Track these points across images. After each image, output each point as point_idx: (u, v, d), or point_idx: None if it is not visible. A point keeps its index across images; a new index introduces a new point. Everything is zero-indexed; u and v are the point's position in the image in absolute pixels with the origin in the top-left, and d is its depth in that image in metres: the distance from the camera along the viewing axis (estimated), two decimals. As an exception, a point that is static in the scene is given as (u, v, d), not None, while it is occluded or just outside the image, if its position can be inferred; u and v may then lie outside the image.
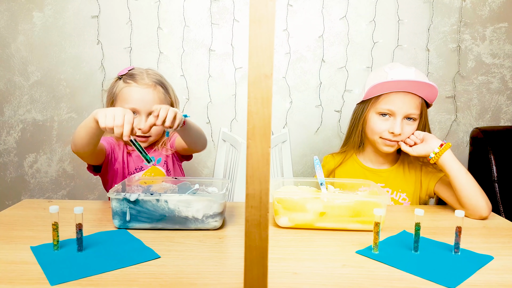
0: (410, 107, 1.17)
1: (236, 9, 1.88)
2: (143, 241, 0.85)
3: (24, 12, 1.89)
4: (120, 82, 1.23)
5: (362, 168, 1.29)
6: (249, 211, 0.49)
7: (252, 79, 0.46)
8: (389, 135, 1.18)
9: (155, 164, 1.28)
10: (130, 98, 1.20)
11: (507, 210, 1.68)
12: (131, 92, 1.20)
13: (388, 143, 1.20)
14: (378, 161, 1.29)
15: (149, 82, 1.22)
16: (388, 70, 1.18)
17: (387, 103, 1.18)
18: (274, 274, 0.71)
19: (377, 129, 1.20)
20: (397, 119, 1.17)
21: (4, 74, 1.94)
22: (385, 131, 1.19)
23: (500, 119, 1.97)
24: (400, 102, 1.17)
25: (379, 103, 1.20)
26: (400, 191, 1.24)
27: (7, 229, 0.92)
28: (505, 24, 1.89)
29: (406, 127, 1.18)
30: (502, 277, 0.71)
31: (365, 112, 1.23)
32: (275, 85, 1.93)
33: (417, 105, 1.18)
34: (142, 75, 1.23)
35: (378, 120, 1.20)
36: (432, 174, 1.22)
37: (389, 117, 1.19)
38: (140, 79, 1.22)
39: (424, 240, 0.88)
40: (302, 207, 0.93)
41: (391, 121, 1.18)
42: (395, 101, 1.17)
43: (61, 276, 0.68)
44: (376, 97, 1.20)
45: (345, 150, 1.32)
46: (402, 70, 1.17)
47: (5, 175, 2.02)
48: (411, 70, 1.17)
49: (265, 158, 0.48)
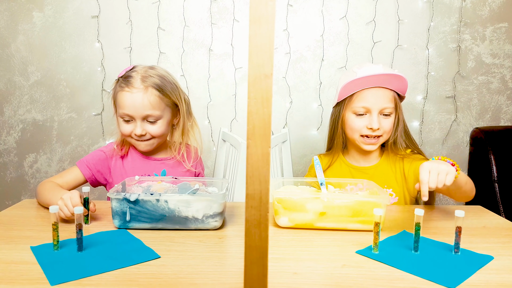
0: (383, 101, 1.20)
1: (236, 9, 1.88)
2: (143, 241, 0.85)
3: (24, 12, 1.89)
4: (117, 86, 1.21)
5: (348, 166, 1.31)
6: (249, 211, 0.49)
7: (252, 79, 0.46)
8: (368, 131, 1.21)
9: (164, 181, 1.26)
10: (122, 104, 1.17)
11: (507, 210, 1.68)
12: (123, 98, 1.17)
13: (368, 140, 1.22)
14: (363, 159, 1.31)
15: (140, 86, 1.17)
16: (356, 70, 1.22)
17: (360, 100, 1.21)
18: (274, 274, 0.71)
19: (356, 127, 1.23)
20: (373, 114, 1.20)
21: (4, 74, 1.94)
22: (363, 127, 1.22)
23: (500, 119, 1.97)
24: (372, 98, 1.20)
25: (353, 102, 1.23)
26: (386, 187, 1.25)
27: (7, 229, 0.92)
28: (505, 24, 1.89)
29: (383, 121, 1.21)
30: (502, 277, 0.71)
31: (342, 113, 1.26)
32: (275, 85, 1.93)
33: (390, 98, 1.21)
34: (136, 78, 1.18)
35: (355, 119, 1.23)
36: (415, 161, 1.23)
37: (365, 114, 1.22)
38: (133, 82, 1.17)
39: (424, 240, 0.88)
40: (302, 207, 0.93)
41: (367, 118, 1.21)
42: (368, 98, 1.20)
43: (61, 276, 0.68)
44: (350, 97, 1.24)
45: (331, 152, 1.34)
46: (369, 67, 1.20)
47: (5, 175, 2.02)
48: (378, 66, 1.20)
49: (265, 158, 0.48)
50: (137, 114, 1.17)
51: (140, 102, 1.16)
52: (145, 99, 1.16)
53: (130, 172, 1.25)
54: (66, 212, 0.94)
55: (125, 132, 1.20)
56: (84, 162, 1.23)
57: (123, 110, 1.17)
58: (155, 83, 1.19)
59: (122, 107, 1.18)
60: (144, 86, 1.17)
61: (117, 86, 1.21)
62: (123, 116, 1.19)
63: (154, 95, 1.18)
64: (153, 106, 1.17)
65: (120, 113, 1.19)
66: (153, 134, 1.20)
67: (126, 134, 1.21)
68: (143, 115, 1.17)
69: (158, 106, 1.18)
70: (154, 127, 1.20)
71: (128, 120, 1.19)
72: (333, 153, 1.32)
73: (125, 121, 1.19)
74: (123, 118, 1.19)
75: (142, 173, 1.26)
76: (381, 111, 1.20)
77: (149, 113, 1.17)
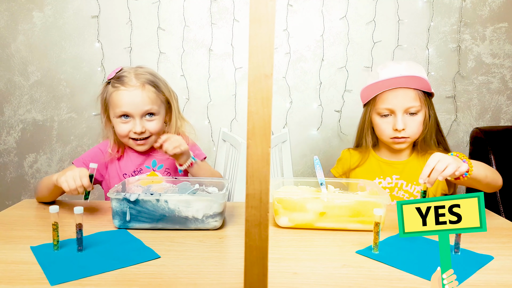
0: (406, 101, 1.19)
1: (236, 9, 1.88)
2: (143, 241, 0.85)
3: (24, 12, 1.89)
4: (109, 87, 1.21)
5: (378, 160, 1.31)
6: (249, 211, 0.49)
7: (252, 79, 0.46)
8: (395, 132, 1.20)
9: (155, 170, 1.27)
10: (119, 102, 1.18)
11: (507, 210, 1.68)
12: (120, 97, 1.18)
13: (397, 140, 1.22)
14: (393, 155, 1.30)
15: (137, 83, 1.18)
16: (379, 71, 1.21)
17: (383, 102, 1.21)
18: (274, 274, 0.71)
19: (383, 130, 1.23)
20: (398, 115, 1.19)
21: (4, 74, 1.94)
22: (390, 129, 1.21)
23: (500, 119, 1.97)
24: (394, 99, 1.19)
25: (376, 104, 1.23)
26: (415, 184, 1.24)
27: (7, 229, 0.92)
28: (505, 24, 1.89)
29: (410, 121, 1.20)
30: (502, 277, 0.71)
31: (369, 115, 1.27)
32: (275, 85, 1.93)
33: (413, 97, 1.20)
34: (129, 77, 1.19)
35: (381, 122, 1.23)
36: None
37: (390, 115, 1.22)
38: (128, 81, 1.18)
39: (425, 240, 0.88)
40: (302, 207, 0.93)
41: (392, 119, 1.21)
42: (390, 99, 1.20)
43: (61, 276, 0.68)
44: (373, 99, 1.24)
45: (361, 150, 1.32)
46: (392, 68, 1.20)
47: (5, 175, 2.02)
48: (401, 66, 1.20)
49: (265, 158, 0.48)
50: (136, 111, 1.18)
51: (139, 99, 1.18)
52: (144, 94, 1.18)
53: (125, 169, 1.26)
54: (72, 183, 0.96)
55: (122, 133, 1.20)
56: (81, 160, 1.23)
57: (121, 108, 1.18)
58: (149, 79, 1.21)
59: (119, 106, 1.18)
60: (140, 83, 1.19)
61: (109, 88, 1.21)
62: (121, 115, 1.19)
63: (151, 91, 1.20)
64: (152, 102, 1.20)
65: (117, 113, 1.19)
66: (152, 131, 1.21)
67: (124, 135, 1.21)
68: (142, 111, 1.18)
69: (155, 101, 1.21)
70: (152, 124, 1.21)
71: (125, 119, 1.19)
72: (363, 151, 1.32)
73: (122, 121, 1.19)
74: (120, 118, 1.19)
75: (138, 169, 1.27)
76: (406, 110, 1.19)
77: (148, 108, 1.19)
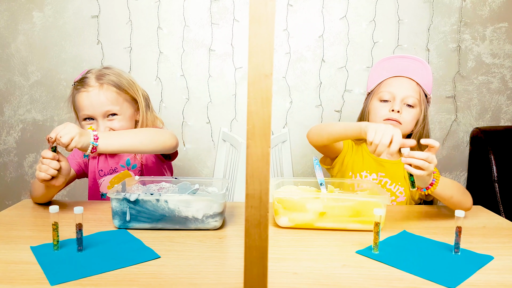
0: (408, 90, 1.24)
1: (236, 9, 1.88)
2: (143, 241, 0.85)
3: (24, 12, 1.89)
4: (74, 90, 1.22)
5: (368, 155, 1.32)
6: (249, 211, 0.49)
7: (252, 79, 0.46)
8: (390, 114, 1.23)
9: (129, 168, 1.27)
10: (81, 105, 1.18)
11: (507, 210, 1.68)
12: (80, 99, 1.18)
13: (389, 122, 1.23)
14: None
15: (95, 84, 1.18)
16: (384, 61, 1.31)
17: (385, 86, 1.27)
18: (274, 274, 0.71)
19: (379, 113, 1.26)
20: (397, 100, 1.23)
21: (4, 74, 1.94)
22: (386, 111, 1.24)
23: (500, 119, 1.97)
24: (398, 85, 1.25)
25: (379, 88, 1.28)
26: (399, 184, 1.26)
27: (7, 229, 0.92)
28: (505, 24, 1.89)
29: (406, 111, 1.23)
30: (502, 277, 0.71)
31: (369, 103, 1.31)
32: (275, 85, 1.93)
33: (415, 90, 1.25)
34: (90, 77, 1.19)
35: (379, 105, 1.27)
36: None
37: (389, 101, 1.25)
38: (89, 82, 1.18)
39: (424, 240, 0.88)
40: (302, 207, 0.93)
41: (390, 104, 1.25)
42: (393, 84, 1.25)
43: (61, 276, 0.68)
44: (378, 86, 1.29)
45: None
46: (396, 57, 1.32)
47: (5, 175, 2.02)
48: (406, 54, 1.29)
49: (265, 158, 0.48)
50: (96, 112, 1.18)
51: (96, 99, 1.17)
52: (101, 95, 1.18)
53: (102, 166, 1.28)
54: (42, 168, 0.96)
55: None
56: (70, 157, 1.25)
57: (83, 111, 1.19)
58: (111, 79, 1.21)
59: (81, 109, 1.19)
60: (99, 83, 1.19)
61: (74, 90, 1.22)
62: (84, 118, 1.19)
63: (111, 90, 1.19)
64: (111, 102, 1.19)
65: (81, 116, 1.19)
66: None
67: None
68: (102, 112, 1.18)
69: (116, 101, 1.20)
70: (115, 123, 1.20)
71: (90, 121, 1.19)
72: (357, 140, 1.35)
73: (87, 123, 1.19)
74: (85, 121, 1.20)
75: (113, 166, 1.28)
76: (405, 99, 1.23)
77: (108, 109, 1.18)
